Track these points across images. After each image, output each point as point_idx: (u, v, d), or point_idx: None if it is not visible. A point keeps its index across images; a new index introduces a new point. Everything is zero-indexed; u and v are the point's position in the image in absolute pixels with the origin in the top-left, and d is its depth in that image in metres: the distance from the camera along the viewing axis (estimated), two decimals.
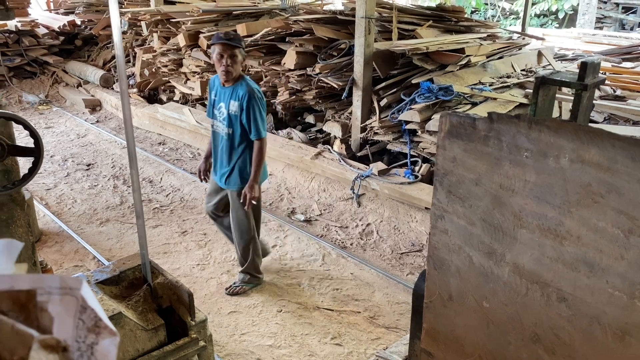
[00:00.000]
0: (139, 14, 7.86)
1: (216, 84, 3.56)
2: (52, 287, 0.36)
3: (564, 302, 1.22)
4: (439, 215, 1.38)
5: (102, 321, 0.37)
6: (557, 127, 1.12)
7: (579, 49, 8.56)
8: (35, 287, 0.36)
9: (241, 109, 3.38)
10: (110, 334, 0.37)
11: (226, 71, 3.35)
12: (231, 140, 3.50)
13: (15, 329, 0.34)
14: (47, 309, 0.36)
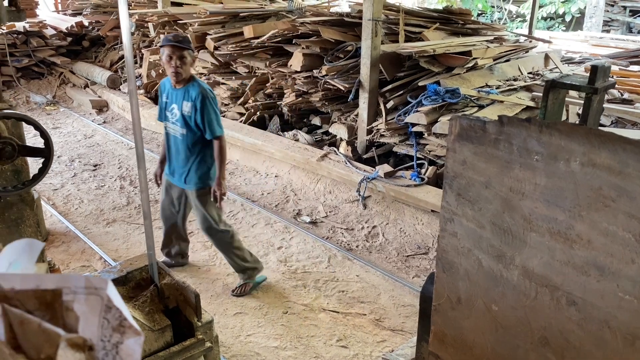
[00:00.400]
0: (147, 16, 7.89)
1: (167, 87, 3.58)
2: (77, 286, 0.37)
3: (573, 305, 1.22)
4: (448, 218, 1.38)
5: (127, 321, 0.38)
6: (568, 130, 1.12)
7: (586, 52, 8.54)
8: (61, 286, 0.37)
9: (195, 109, 3.40)
10: (134, 333, 0.37)
11: (175, 72, 3.37)
12: (186, 140, 3.51)
13: (42, 328, 0.34)
14: (73, 308, 0.36)
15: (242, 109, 6.80)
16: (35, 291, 0.36)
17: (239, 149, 6.23)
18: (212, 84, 7.04)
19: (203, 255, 4.36)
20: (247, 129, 6.30)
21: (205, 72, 7.07)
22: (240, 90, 6.77)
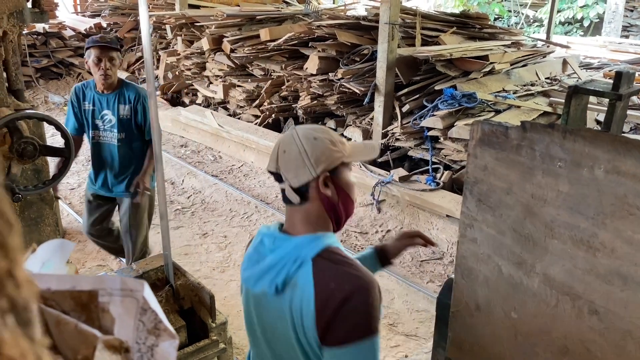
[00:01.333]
0: (164, 18, 7.96)
1: (88, 94, 3.30)
2: (113, 288, 0.37)
3: (595, 315, 1.20)
4: (468, 224, 1.37)
5: (163, 323, 0.38)
6: (592, 137, 1.10)
7: (604, 58, 8.45)
8: (97, 288, 0.37)
9: (135, 111, 3.26)
10: (170, 336, 0.37)
11: (105, 75, 3.17)
12: (126, 145, 3.34)
13: (78, 329, 0.34)
14: (109, 310, 0.37)
15: (257, 111, 6.82)
16: (71, 292, 0.37)
17: (254, 151, 6.25)
18: (228, 86, 7.08)
19: (217, 256, 4.38)
20: (262, 131, 6.32)
21: (221, 74, 7.10)
22: (256, 93, 6.79)
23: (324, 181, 1.32)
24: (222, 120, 6.76)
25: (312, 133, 1.34)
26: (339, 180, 1.35)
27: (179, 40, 7.79)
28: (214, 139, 6.83)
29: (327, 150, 1.31)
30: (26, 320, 0.20)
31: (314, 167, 1.30)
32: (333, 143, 1.33)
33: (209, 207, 5.31)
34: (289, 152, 1.32)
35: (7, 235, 0.19)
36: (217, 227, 4.89)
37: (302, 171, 1.31)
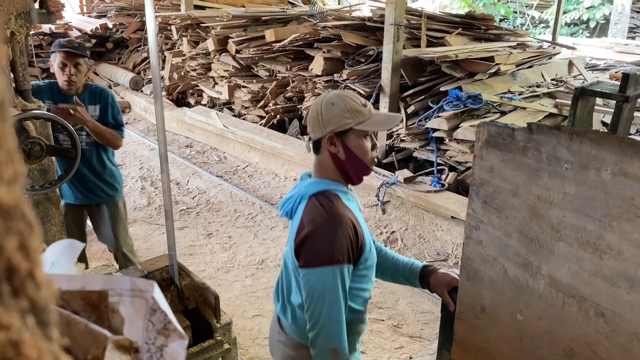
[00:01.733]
0: (170, 18, 7.98)
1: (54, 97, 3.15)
2: (123, 288, 0.37)
3: (602, 317, 1.19)
4: (473, 226, 1.36)
5: (172, 324, 0.38)
6: (599, 139, 1.10)
7: (610, 59, 8.41)
8: (106, 288, 0.37)
9: (105, 111, 3.15)
10: (179, 336, 0.37)
11: (69, 81, 3.06)
12: (98, 146, 3.20)
13: (88, 329, 0.34)
14: (119, 310, 0.37)
15: (262, 112, 6.83)
16: (81, 292, 0.37)
17: (259, 152, 6.26)
18: (233, 87, 7.09)
19: (222, 256, 4.38)
20: (267, 132, 6.33)
21: (226, 75, 7.12)
22: (261, 94, 6.80)
23: (331, 140, 1.63)
24: (227, 120, 6.78)
25: (333, 98, 1.63)
26: (347, 142, 1.63)
27: (185, 41, 7.81)
28: (219, 140, 6.85)
29: (337, 116, 1.60)
30: (45, 321, 0.20)
31: (324, 127, 1.62)
32: (346, 110, 1.60)
33: (213, 208, 5.32)
34: (312, 111, 1.66)
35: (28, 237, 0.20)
36: (222, 227, 4.90)
37: (317, 128, 1.64)
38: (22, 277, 0.19)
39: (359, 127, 1.61)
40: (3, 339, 0.18)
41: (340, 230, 1.54)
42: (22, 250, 0.19)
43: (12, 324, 0.18)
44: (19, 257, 0.19)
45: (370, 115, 1.63)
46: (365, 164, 1.66)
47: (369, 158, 1.66)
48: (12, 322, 0.18)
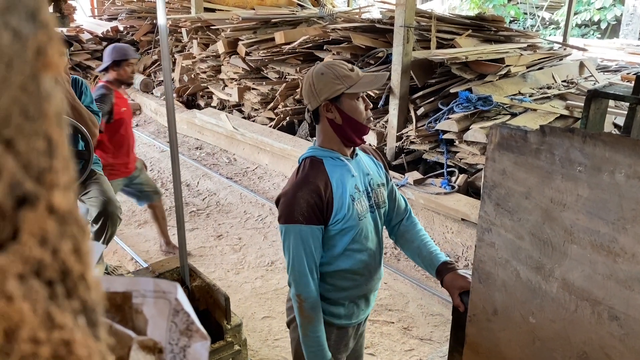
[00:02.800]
0: (180, 21, 8.03)
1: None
2: (146, 290, 0.38)
3: (615, 320, 1.19)
4: (486, 228, 1.36)
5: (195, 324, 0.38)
6: (613, 141, 1.10)
7: (622, 60, 8.35)
8: (130, 289, 0.38)
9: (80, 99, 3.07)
10: (201, 337, 0.38)
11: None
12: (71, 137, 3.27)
13: (113, 329, 0.35)
14: (142, 311, 0.37)
15: (271, 114, 6.85)
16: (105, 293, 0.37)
17: (268, 154, 6.27)
18: (243, 89, 7.12)
19: (232, 258, 4.40)
20: (277, 133, 6.34)
21: (236, 77, 7.14)
22: (271, 96, 6.82)
23: (327, 107, 1.76)
24: (236, 122, 6.80)
25: (322, 69, 1.75)
26: (341, 106, 1.75)
27: (195, 43, 7.85)
28: (228, 142, 6.87)
29: (329, 83, 1.73)
30: (94, 321, 0.21)
31: (318, 96, 1.75)
32: (336, 77, 1.72)
33: (223, 209, 5.34)
34: (305, 84, 1.79)
35: (81, 241, 0.20)
36: (232, 229, 4.91)
37: (312, 99, 1.77)
38: (75, 279, 0.20)
39: (350, 90, 1.73)
40: (57, 338, 0.19)
41: (299, 194, 1.72)
42: (76, 254, 0.20)
43: (66, 323, 0.19)
44: (73, 260, 0.20)
45: (358, 78, 1.75)
46: (361, 123, 1.80)
47: (363, 118, 1.80)
48: (65, 322, 0.19)
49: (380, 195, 1.96)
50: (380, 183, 1.96)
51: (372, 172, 1.95)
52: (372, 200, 1.92)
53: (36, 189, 0.18)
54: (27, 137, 0.18)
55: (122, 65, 3.77)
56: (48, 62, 0.19)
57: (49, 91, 0.19)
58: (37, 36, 0.18)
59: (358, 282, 1.95)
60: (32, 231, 0.18)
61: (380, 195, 1.96)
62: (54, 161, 0.19)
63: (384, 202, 1.97)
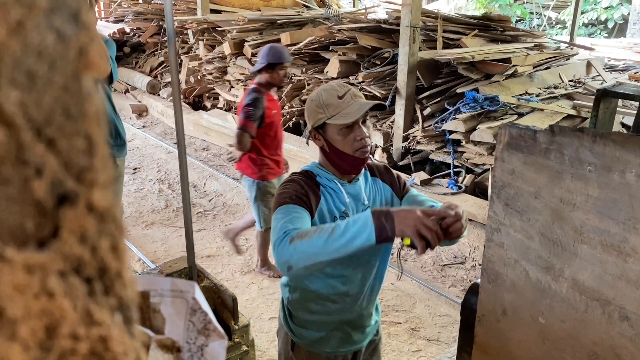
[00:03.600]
0: (186, 23, 8.05)
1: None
2: (164, 289, 0.38)
3: (626, 320, 1.18)
4: (495, 229, 1.36)
5: (212, 324, 0.39)
6: (623, 141, 1.09)
7: (629, 60, 8.30)
8: (148, 289, 0.38)
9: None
10: (219, 336, 0.38)
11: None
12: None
13: None
14: (160, 310, 0.38)
15: None
16: None
17: None
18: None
19: (239, 259, 4.41)
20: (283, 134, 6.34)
21: (242, 78, 7.16)
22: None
23: (314, 134, 1.73)
24: None
25: (314, 94, 1.72)
26: (326, 135, 1.69)
27: (201, 44, 7.87)
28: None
29: (312, 112, 1.69)
30: (130, 318, 0.21)
31: (308, 122, 1.73)
32: (319, 105, 1.67)
33: (230, 210, 5.35)
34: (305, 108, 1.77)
35: (118, 239, 0.21)
36: None
37: (307, 124, 1.75)
38: (113, 276, 0.20)
39: (330, 121, 1.65)
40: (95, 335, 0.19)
41: (289, 187, 1.65)
42: (114, 251, 0.20)
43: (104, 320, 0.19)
44: (111, 258, 0.20)
45: (344, 107, 1.65)
46: (348, 155, 1.68)
47: (352, 148, 1.67)
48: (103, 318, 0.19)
49: None
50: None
51: (371, 200, 1.80)
52: None
53: (76, 187, 0.19)
54: (68, 137, 0.18)
55: (276, 69, 3.64)
56: (89, 63, 0.19)
57: (90, 91, 0.19)
58: (79, 37, 0.19)
59: (329, 309, 1.82)
60: (73, 229, 0.19)
61: None
62: (93, 160, 0.19)
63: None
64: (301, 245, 1.43)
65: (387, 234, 1.37)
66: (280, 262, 1.49)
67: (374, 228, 1.37)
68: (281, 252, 1.48)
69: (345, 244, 1.39)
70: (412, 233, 1.37)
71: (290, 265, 1.47)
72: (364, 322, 1.91)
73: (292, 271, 1.49)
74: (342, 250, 1.40)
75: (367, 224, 1.38)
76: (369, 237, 1.37)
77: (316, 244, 1.42)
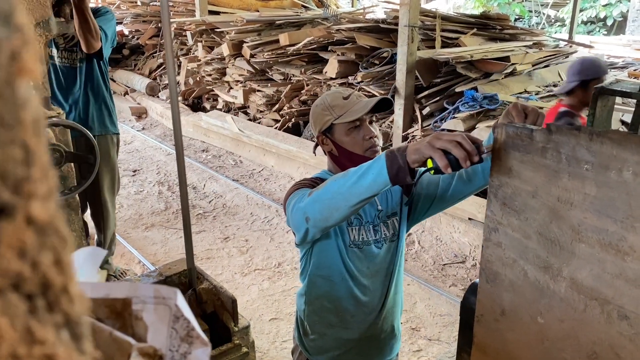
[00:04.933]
0: (185, 24, 8.05)
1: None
2: (146, 296, 0.37)
3: (625, 320, 1.17)
4: (492, 228, 1.35)
5: (195, 331, 0.38)
6: (620, 139, 1.08)
7: (629, 57, 8.29)
8: (130, 295, 0.37)
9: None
10: (202, 343, 0.38)
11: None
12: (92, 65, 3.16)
13: (113, 336, 0.35)
14: (142, 318, 0.37)
15: (277, 115, 6.85)
16: (105, 300, 0.37)
17: (274, 155, 6.28)
18: (248, 91, 7.12)
19: (239, 260, 4.40)
20: (282, 135, 6.34)
21: (241, 79, 7.15)
22: (276, 97, 6.83)
23: (322, 140, 1.71)
24: (242, 125, 6.81)
25: (319, 99, 1.71)
26: (334, 138, 1.67)
27: (200, 46, 7.87)
28: (234, 144, 6.88)
29: (319, 115, 1.68)
30: (78, 335, 0.20)
31: (314, 129, 1.71)
32: (325, 108, 1.66)
33: (230, 211, 5.34)
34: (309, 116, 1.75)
35: (62, 252, 0.20)
36: (239, 231, 4.92)
37: (313, 131, 1.73)
38: (57, 291, 0.19)
39: (338, 120, 1.64)
40: (38, 354, 0.18)
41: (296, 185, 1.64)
42: (57, 265, 0.19)
43: (47, 338, 0.19)
44: (54, 272, 0.19)
45: (350, 106, 1.64)
46: (358, 154, 1.66)
47: (361, 148, 1.67)
48: (47, 336, 0.19)
49: (392, 227, 1.75)
50: (391, 213, 1.75)
51: (384, 203, 1.74)
52: (381, 234, 1.72)
53: (13, 200, 0.18)
54: (2, 146, 0.17)
55: (590, 85, 3.02)
56: (23, 67, 0.18)
57: (25, 97, 0.18)
58: (11, 40, 0.18)
59: (348, 322, 1.75)
60: (10, 243, 0.18)
61: (392, 227, 1.75)
62: (31, 170, 0.18)
63: (394, 234, 1.75)
64: (317, 194, 1.44)
65: (399, 164, 1.26)
66: (297, 215, 1.49)
67: (385, 159, 1.28)
68: (299, 205, 1.49)
69: (356, 180, 1.33)
70: (427, 148, 1.23)
71: (308, 215, 1.47)
72: (384, 340, 1.85)
73: (309, 222, 1.47)
74: (354, 190, 1.33)
75: (379, 159, 1.31)
76: (380, 171, 1.28)
77: (331, 188, 1.40)
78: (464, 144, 1.22)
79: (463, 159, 1.22)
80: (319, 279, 1.75)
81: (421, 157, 1.25)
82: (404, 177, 1.28)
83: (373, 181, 1.31)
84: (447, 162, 1.22)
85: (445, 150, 1.22)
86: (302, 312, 1.86)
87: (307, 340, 1.87)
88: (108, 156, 3.45)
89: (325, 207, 1.42)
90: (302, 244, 1.71)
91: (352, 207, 1.38)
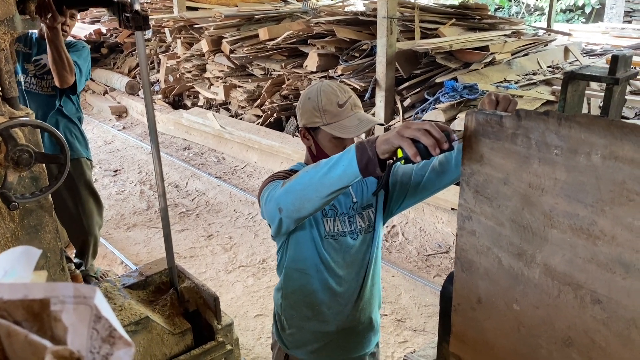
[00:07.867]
0: (163, 21, 7.96)
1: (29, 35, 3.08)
2: (66, 295, 0.35)
3: (598, 304, 1.17)
4: (466, 216, 1.34)
5: (117, 331, 0.36)
6: (588, 123, 1.08)
7: (607, 44, 8.36)
8: (49, 296, 0.35)
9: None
10: (125, 344, 0.36)
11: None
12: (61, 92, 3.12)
13: (28, 339, 0.33)
14: (62, 319, 0.35)
15: (258, 111, 6.81)
16: (22, 301, 0.35)
17: (256, 151, 6.24)
18: (229, 87, 7.07)
19: (223, 257, 4.37)
20: (264, 130, 6.31)
21: (221, 75, 7.10)
22: (257, 93, 6.78)
23: (303, 133, 1.68)
24: (224, 121, 6.76)
25: (313, 92, 1.64)
26: (316, 137, 1.66)
27: (179, 43, 7.79)
28: (216, 141, 6.83)
29: (308, 112, 1.63)
30: None
31: (300, 119, 1.68)
32: (317, 109, 1.61)
33: (213, 209, 5.30)
34: (298, 102, 1.70)
35: None
36: (222, 228, 4.88)
37: (298, 118, 1.70)
38: None
39: (326, 128, 1.60)
40: None
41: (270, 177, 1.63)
42: None
43: None
44: None
45: (343, 117, 1.59)
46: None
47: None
48: None
49: (367, 218, 1.74)
50: (366, 205, 1.74)
51: (359, 195, 1.73)
52: (356, 225, 1.72)
53: None
54: None
55: None
56: None
57: None
58: None
59: (325, 315, 1.75)
60: None
61: (367, 219, 1.74)
62: None
63: (370, 226, 1.75)
64: (290, 185, 1.43)
65: (369, 155, 1.25)
66: (271, 206, 1.50)
67: (355, 151, 1.27)
68: (272, 196, 1.50)
69: (327, 172, 1.33)
70: (396, 138, 1.21)
71: (280, 206, 1.47)
72: (361, 332, 1.84)
73: (282, 213, 1.48)
74: (325, 181, 1.33)
75: (350, 150, 1.30)
76: (350, 163, 1.28)
77: (303, 179, 1.40)
78: (433, 131, 1.19)
79: (432, 146, 1.20)
80: (295, 273, 1.74)
81: (390, 147, 1.23)
82: (374, 169, 1.27)
83: (343, 173, 1.30)
84: (416, 151, 1.21)
85: (414, 139, 1.20)
86: (279, 306, 1.85)
87: (285, 335, 1.86)
88: (84, 177, 3.40)
89: (297, 198, 1.41)
90: (277, 236, 1.70)
91: (324, 199, 1.37)
